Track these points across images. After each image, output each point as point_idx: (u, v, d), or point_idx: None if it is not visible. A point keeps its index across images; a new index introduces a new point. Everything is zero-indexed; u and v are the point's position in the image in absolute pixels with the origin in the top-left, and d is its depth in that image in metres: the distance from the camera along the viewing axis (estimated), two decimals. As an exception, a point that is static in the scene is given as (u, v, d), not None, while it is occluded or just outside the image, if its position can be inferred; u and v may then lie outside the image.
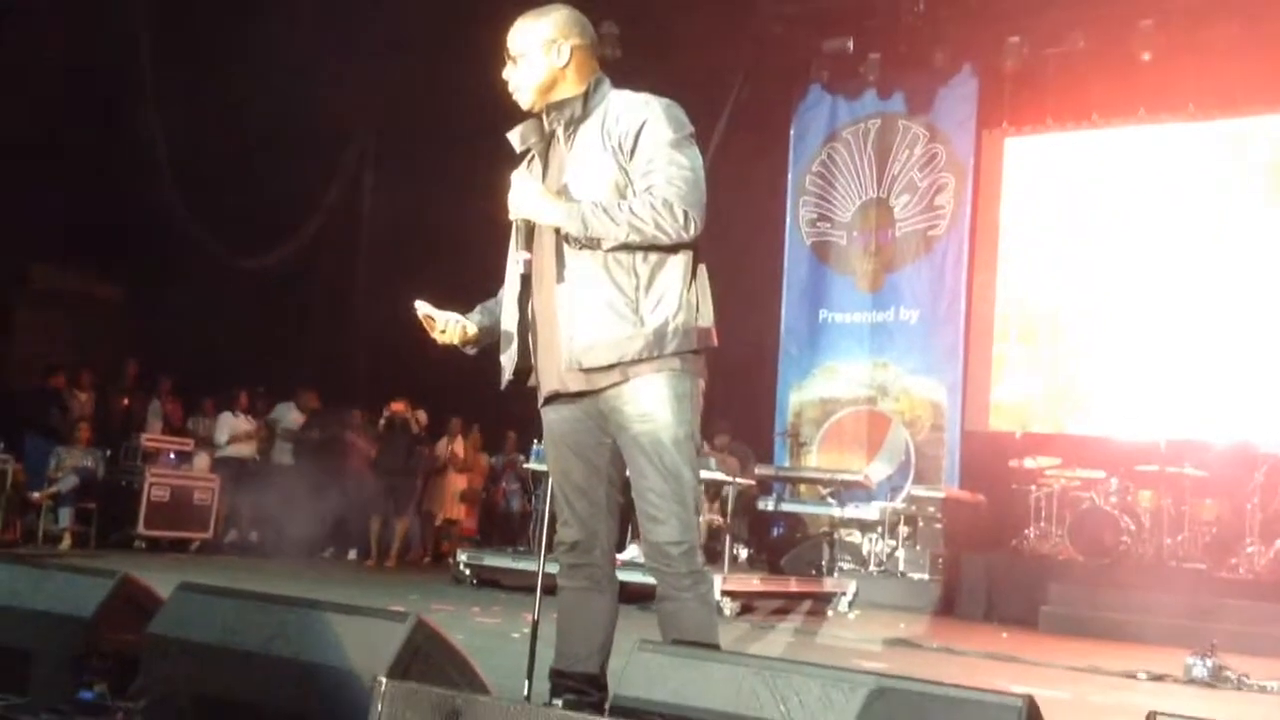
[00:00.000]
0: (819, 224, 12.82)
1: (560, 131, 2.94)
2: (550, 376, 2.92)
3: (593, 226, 2.77)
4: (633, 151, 2.83)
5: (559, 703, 2.84)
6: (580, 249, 2.83)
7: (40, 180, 11.81)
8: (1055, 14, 11.23)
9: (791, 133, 13.00)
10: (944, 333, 12.00)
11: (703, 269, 2.92)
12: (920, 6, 11.27)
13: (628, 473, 2.91)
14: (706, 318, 2.89)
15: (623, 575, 2.74)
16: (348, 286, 14.10)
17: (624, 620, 3.02)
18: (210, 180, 11.35)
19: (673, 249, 2.84)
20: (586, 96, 2.93)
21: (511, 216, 2.88)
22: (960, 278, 12.00)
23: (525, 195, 2.86)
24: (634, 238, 2.77)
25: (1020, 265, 11.98)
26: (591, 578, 2.95)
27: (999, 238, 12.12)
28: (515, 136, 3.00)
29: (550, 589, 3.10)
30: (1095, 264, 11.52)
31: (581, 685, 2.88)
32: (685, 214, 2.77)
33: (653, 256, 2.83)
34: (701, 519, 8.66)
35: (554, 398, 2.94)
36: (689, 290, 2.87)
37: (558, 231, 2.86)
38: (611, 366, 2.80)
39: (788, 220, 12.89)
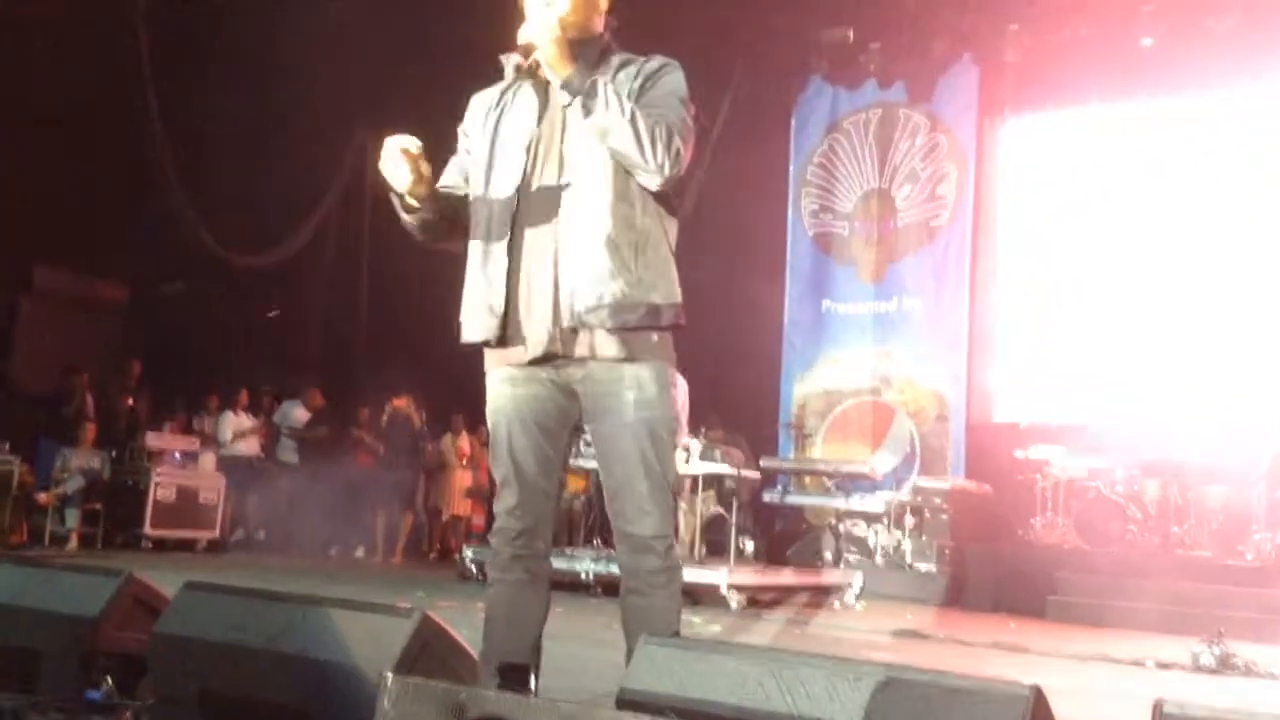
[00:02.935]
0: (821, 215, 12.81)
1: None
2: (539, 334, 2.69)
3: (597, 90, 2.59)
4: (643, 90, 2.71)
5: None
6: (589, 179, 2.67)
7: (43, 182, 11.83)
8: (1055, 2, 11.21)
9: (792, 124, 12.98)
10: (947, 322, 11.99)
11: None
12: (919, -5, 11.27)
13: (601, 461, 2.73)
14: (679, 294, 2.77)
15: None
16: (350, 284, 14.12)
17: (611, 613, 2.91)
18: (212, 180, 11.37)
19: (661, 210, 2.73)
20: (607, 44, 2.83)
21: (522, 40, 2.68)
22: (963, 267, 11.98)
23: (545, 28, 2.63)
24: (623, 132, 2.59)
25: (1023, 254, 11.96)
26: (530, 570, 2.77)
27: (1001, 227, 12.10)
28: (510, 61, 2.83)
29: (555, 584, 3.03)
30: (1098, 250, 11.49)
31: (512, 679, 2.72)
32: (677, 150, 2.63)
33: (649, 216, 2.70)
34: (702, 510, 8.72)
35: (534, 362, 2.72)
36: (671, 262, 2.76)
37: (560, 167, 2.71)
38: (612, 332, 2.65)
39: (789, 211, 12.88)
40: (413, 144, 2.70)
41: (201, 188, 11.58)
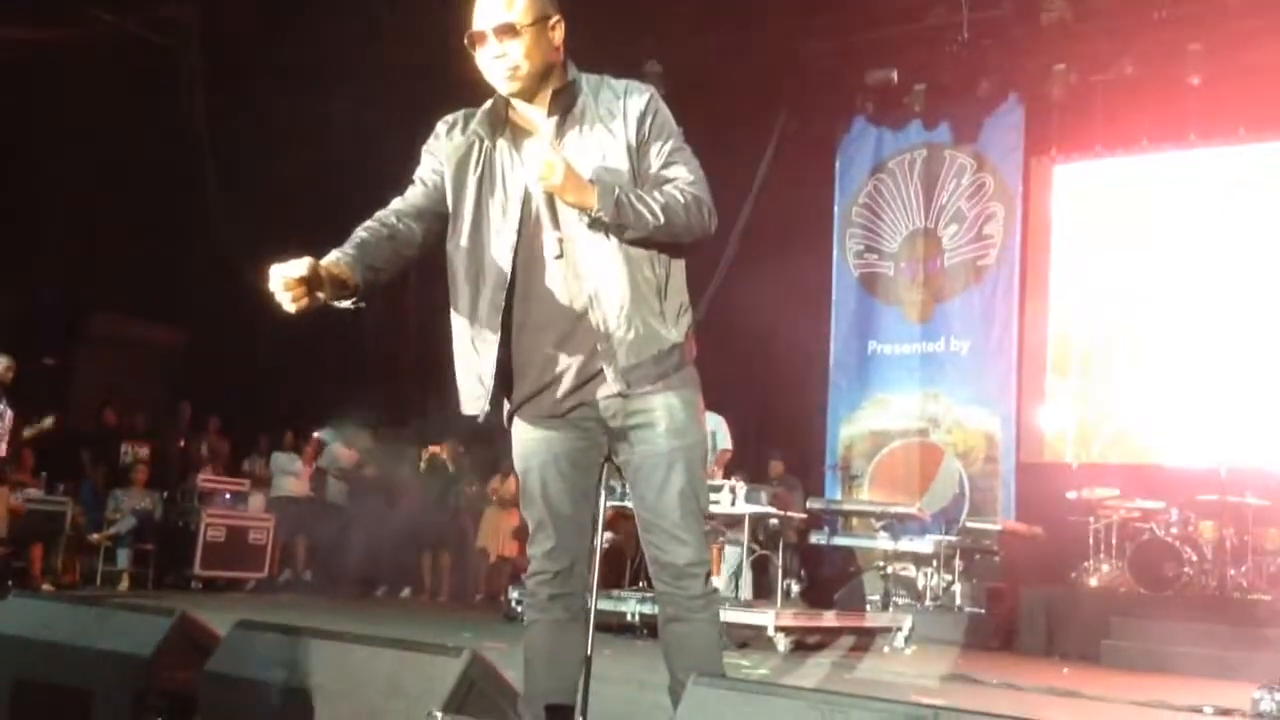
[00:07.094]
0: (866, 255, 12.78)
1: (547, 123, 2.67)
2: (558, 387, 2.68)
3: (625, 211, 2.53)
4: (642, 141, 2.64)
5: None
6: (595, 237, 2.59)
7: (100, 228, 12.07)
8: (1101, 41, 11.15)
9: (837, 165, 12.97)
10: (996, 363, 11.88)
11: None
12: (964, 36, 11.24)
13: (634, 491, 2.71)
14: (690, 320, 2.75)
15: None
16: (399, 326, 14.24)
17: (658, 654, 2.89)
18: (264, 219, 11.55)
19: (678, 250, 2.68)
20: (574, 82, 2.68)
21: (539, 186, 2.56)
22: (1011, 307, 11.88)
23: (558, 169, 2.51)
24: (661, 232, 2.56)
25: (1072, 293, 11.85)
26: (569, 608, 2.75)
27: (1049, 266, 12.00)
28: (484, 128, 2.70)
29: (602, 626, 3.02)
30: (1149, 290, 11.37)
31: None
32: (710, 211, 2.63)
33: (665, 254, 2.66)
34: (748, 551, 8.65)
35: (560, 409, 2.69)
36: (685, 290, 2.73)
37: (557, 217, 2.63)
38: (652, 376, 2.63)
39: (835, 252, 12.85)
40: (296, 270, 2.61)
41: (257, 231, 11.76)
